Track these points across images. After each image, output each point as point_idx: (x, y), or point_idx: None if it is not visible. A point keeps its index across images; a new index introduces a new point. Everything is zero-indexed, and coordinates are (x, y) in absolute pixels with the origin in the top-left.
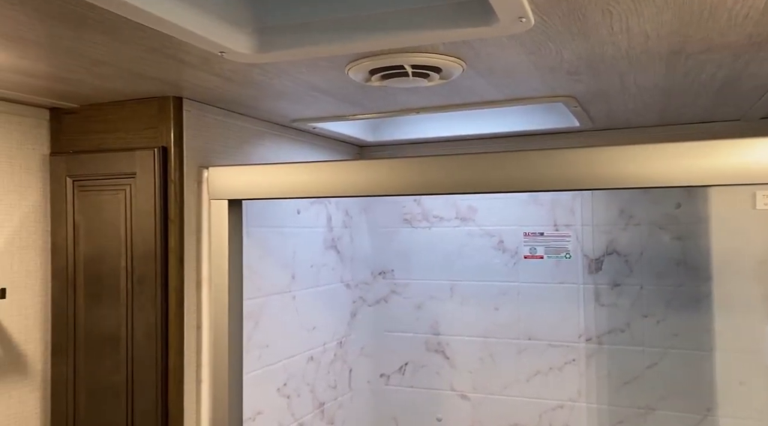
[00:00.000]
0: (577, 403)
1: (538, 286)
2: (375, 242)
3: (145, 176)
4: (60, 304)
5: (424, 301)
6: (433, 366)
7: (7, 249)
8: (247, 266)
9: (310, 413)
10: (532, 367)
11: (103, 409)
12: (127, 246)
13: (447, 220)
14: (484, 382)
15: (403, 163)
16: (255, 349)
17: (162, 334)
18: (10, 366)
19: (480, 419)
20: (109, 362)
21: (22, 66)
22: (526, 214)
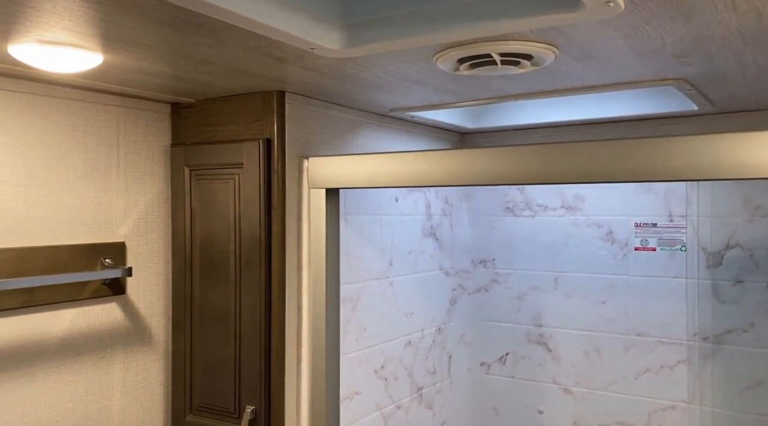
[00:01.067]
0: (690, 405)
1: (649, 280)
2: (476, 231)
3: (251, 166)
4: (179, 283)
5: (526, 291)
6: (535, 357)
7: (134, 232)
8: (345, 252)
9: (407, 396)
10: (640, 365)
11: (214, 379)
12: (236, 231)
13: (552, 209)
14: (589, 377)
15: (505, 152)
16: (353, 332)
17: (266, 314)
18: (137, 337)
19: (583, 414)
20: (220, 338)
21: (142, 67)
22: (638, 204)
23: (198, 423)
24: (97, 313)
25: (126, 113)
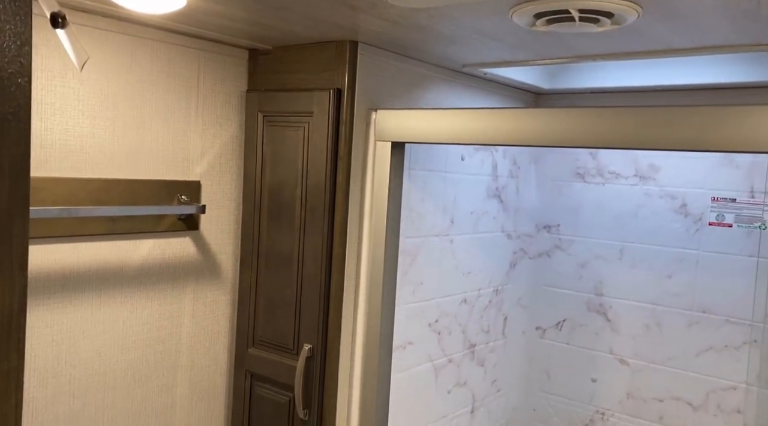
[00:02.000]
0: (754, 387)
1: (722, 257)
2: (542, 195)
3: (321, 115)
4: (247, 223)
5: (590, 259)
6: (593, 326)
7: (209, 173)
8: (407, 207)
9: (460, 352)
10: (703, 342)
11: (276, 317)
12: (303, 178)
13: (624, 178)
14: (647, 350)
15: (581, 113)
16: (410, 285)
17: (327, 259)
18: (207, 272)
19: (638, 387)
20: (283, 278)
21: (222, 10)
22: (717, 177)
23: (259, 356)
24: (172, 246)
25: (206, 57)
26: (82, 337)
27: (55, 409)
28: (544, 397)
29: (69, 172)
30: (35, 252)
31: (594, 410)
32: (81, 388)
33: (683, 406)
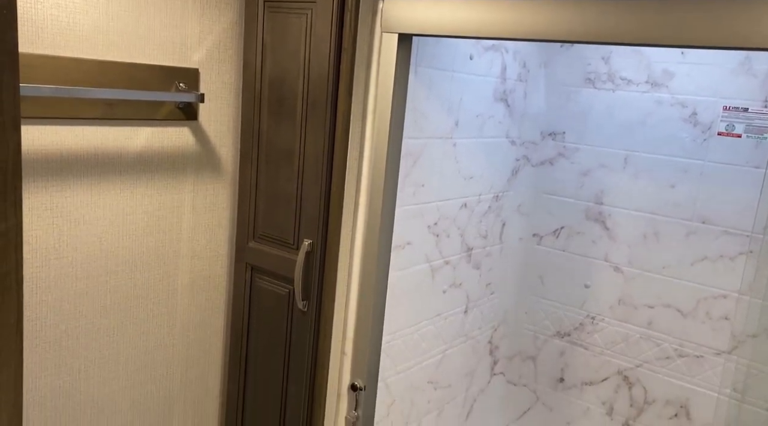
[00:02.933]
0: (744, 296)
1: (727, 168)
2: (550, 100)
3: (325, 2)
4: (248, 115)
5: (593, 168)
6: (590, 234)
7: (207, 60)
8: (411, 106)
9: (457, 254)
10: (699, 252)
11: (277, 212)
12: (305, 70)
13: (635, 84)
14: (643, 259)
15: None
16: (411, 186)
17: (328, 155)
18: (207, 164)
19: (630, 293)
20: (284, 173)
21: None
22: (732, 85)
23: (259, 249)
24: (170, 135)
25: None
26: (83, 222)
27: (59, 290)
28: (537, 301)
29: (62, 51)
30: (31, 132)
31: (585, 315)
32: (84, 271)
33: (673, 313)
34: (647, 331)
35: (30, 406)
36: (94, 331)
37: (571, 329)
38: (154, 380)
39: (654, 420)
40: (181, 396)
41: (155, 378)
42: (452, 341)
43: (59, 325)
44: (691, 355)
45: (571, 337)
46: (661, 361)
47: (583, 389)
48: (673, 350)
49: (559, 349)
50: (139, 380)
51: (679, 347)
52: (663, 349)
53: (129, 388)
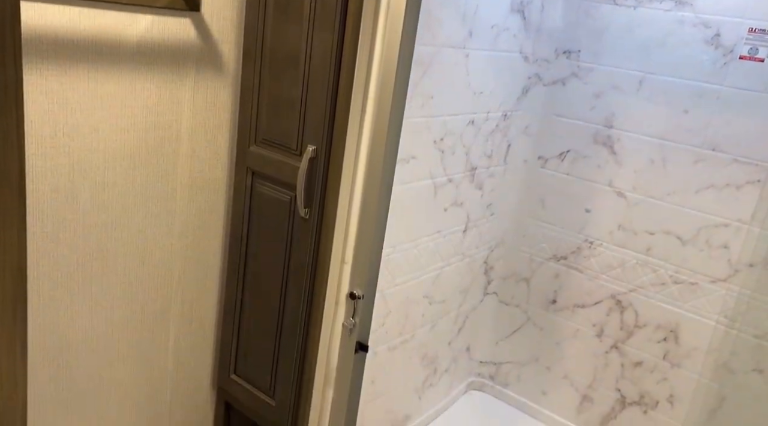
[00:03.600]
0: (746, 225)
1: (745, 94)
2: (568, 15)
3: None
4: (252, 13)
5: (606, 90)
6: (596, 158)
7: None
8: (425, 10)
9: (460, 173)
10: (706, 180)
11: (280, 116)
12: None
13: (658, 1)
14: (647, 184)
15: None
16: (419, 97)
17: (336, 58)
18: (209, 61)
19: (631, 219)
20: (289, 76)
21: None
22: (761, 6)
23: (261, 154)
24: (171, 26)
25: None
26: (79, 110)
27: (55, 180)
28: (536, 224)
29: None
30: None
31: (583, 239)
32: (80, 163)
33: (672, 240)
34: (645, 258)
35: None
36: (91, 225)
37: (567, 253)
38: (151, 278)
39: (643, 343)
40: (178, 296)
41: (153, 276)
42: (449, 259)
43: (55, 215)
44: (686, 282)
45: (567, 260)
46: (656, 287)
47: (574, 311)
48: (669, 277)
49: (554, 272)
50: (136, 277)
51: (675, 274)
52: (659, 275)
53: (126, 284)
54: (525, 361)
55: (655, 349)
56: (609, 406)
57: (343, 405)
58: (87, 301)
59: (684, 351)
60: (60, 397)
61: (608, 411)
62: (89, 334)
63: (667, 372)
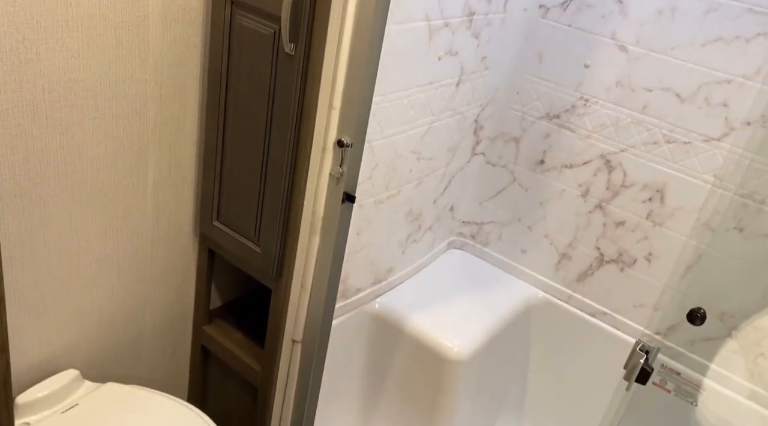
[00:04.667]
0: (750, 81)
1: None
2: None
3: None
4: None
5: None
6: (601, 8)
7: None
8: None
9: (458, 17)
10: (714, 32)
11: None
12: None
13: None
14: (652, 38)
15: None
16: None
17: None
18: None
19: (630, 75)
20: None
21: None
22: None
23: None
24: None
25: None
26: None
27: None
28: (531, 81)
29: None
30: None
31: (578, 97)
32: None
33: (670, 97)
34: (640, 116)
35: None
36: (57, 48)
37: (561, 111)
38: (125, 115)
39: (627, 202)
40: (155, 137)
41: (126, 112)
42: (440, 114)
43: (14, 34)
44: (679, 142)
45: (560, 119)
46: (648, 147)
47: (561, 172)
48: (662, 136)
49: (544, 132)
50: (111, 113)
51: (669, 133)
52: (652, 133)
53: (99, 118)
54: (507, 221)
55: (639, 209)
56: (587, 264)
57: (329, 253)
58: (57, 134)
59: (668, 210)
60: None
61: (585, 268)
62: (62, 171)
63: (648, 231)
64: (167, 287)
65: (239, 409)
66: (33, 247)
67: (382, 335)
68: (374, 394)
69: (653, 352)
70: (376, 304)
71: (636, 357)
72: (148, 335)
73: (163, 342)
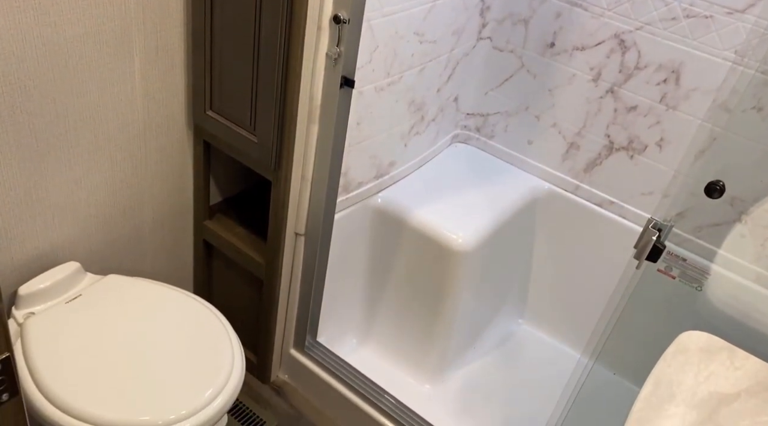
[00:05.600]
0: None
1: None
2: None
3: None
4: None
5: None
6: None
7: None
8: None
9: None
10: None
11: None
12: None
13: None
14: None
15: None
16: None
17: None
18: None
19: None
20: None
21: None
22: None
23: None
24: None
25: None
26: None
27: None
28: None
29: None
30: None
31: None
32: None
33: None
34: None
35: None
36: None
37: None
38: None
39: (641, 85)
40: (138, 17)
41: None
42: None
43: None
44: (699, 16)
45: None
46: (665, 23)
47: (572, 55)
48: (682, 10)
49: (555, 11)
50: None
51: (689, 6)
52: (671, 8)
53: None
54: (514, 110)
55: (652, 92)
56: (595, 153)
57: (328, 143)
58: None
59: (683, 92)
60: (18, 129)
61: (594, 157)
62: (41, 51)
63: (661, 115)
64: (164, 181)
65: (245, 303)
66: (17, 134)
67: (386, 229)
68: (379, 288)
69: (666, 230)
70: (378, 199)
71: (648, 234)
72: (148, 230)
73: (165, 237)
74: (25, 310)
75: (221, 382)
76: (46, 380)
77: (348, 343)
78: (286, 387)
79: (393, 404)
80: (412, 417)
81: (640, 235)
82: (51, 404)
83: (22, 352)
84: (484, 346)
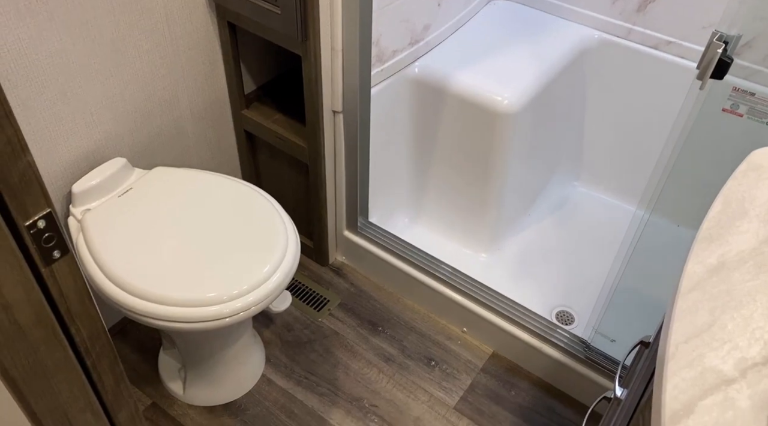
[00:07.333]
0: None
1: None
2: None
3: None
4: None
5: None
6: None
7: None
8: None
9: None
10: None
11: None
12: None
13: None
14: None
15: None
16: None
17: None
18: None
19: None
20: None
21: None
22: None
23: None
24: None
25: None
26: None
27: None
28: None
29: None
30: None
31: None
32: None
33: None
34: None
35: None
36: None
37: None
38: None
39: None
40: None
41: None
42: None
43: None
44: None
45: None
46: None
47: None
48: None
49: None
50: None
51: None
52: None
53: None
54: None
55: None
56: None
57: (355, 6)
58: None
59: None
60: (38, 21)
61: None
62: None
63: None
64: (196, 70)
65: (295, 190)
66: (39, 27)
67: (426, 100)
68: (425, 162)
69: (733, 41)
70: (415, 68)
71: (713, 48)
72: (188, 124)
73: (206, 130)
74: (82, 207)
75: (278, 258)
76: (114, 269)
77: (400, 222)
78: (344, 267)
79: (451, 272)
80: (471, 283)
81: (703, 51)
82: (123, 290)
83: (85, 245)
84: (540, 211)
